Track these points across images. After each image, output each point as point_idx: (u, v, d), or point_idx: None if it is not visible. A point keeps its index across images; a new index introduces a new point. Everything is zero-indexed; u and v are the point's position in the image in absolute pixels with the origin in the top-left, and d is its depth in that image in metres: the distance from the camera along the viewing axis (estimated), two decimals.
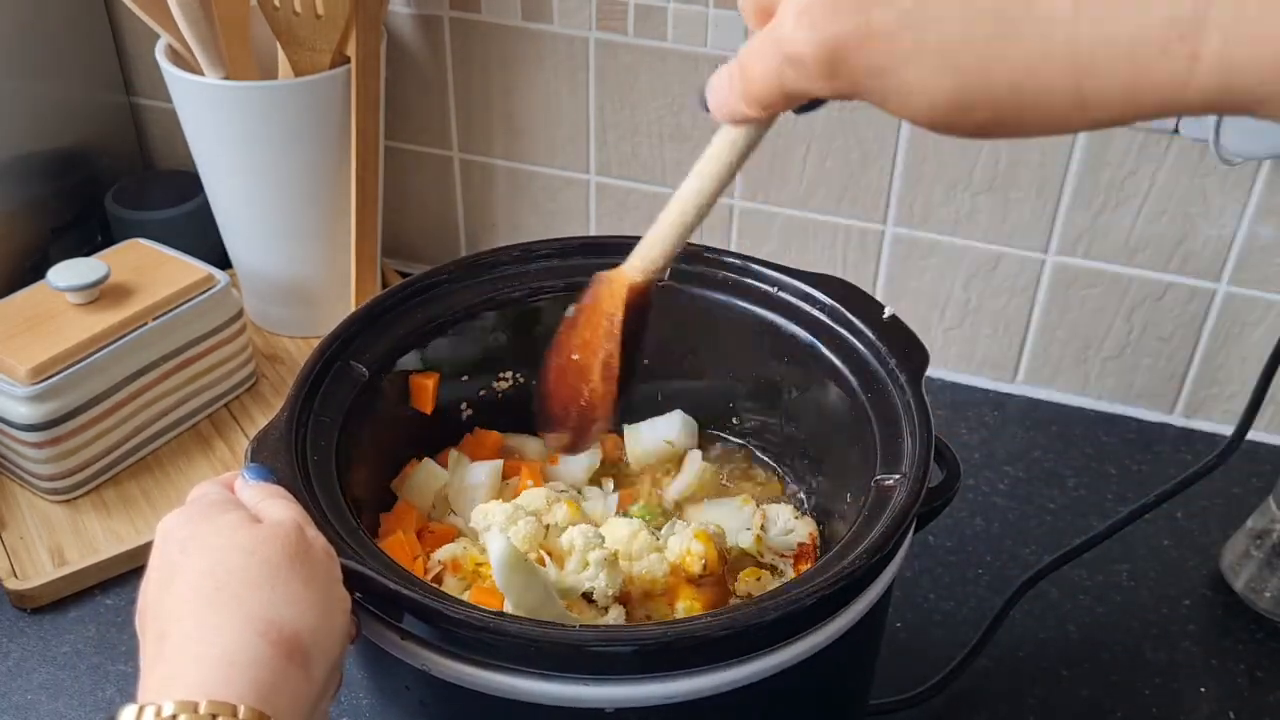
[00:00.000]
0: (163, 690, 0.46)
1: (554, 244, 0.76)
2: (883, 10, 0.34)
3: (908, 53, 0.34)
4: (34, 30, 1.09)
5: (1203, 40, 0.30)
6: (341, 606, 0.53)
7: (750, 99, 0.40)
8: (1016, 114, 0.34)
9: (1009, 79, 0.33)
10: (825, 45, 0.36)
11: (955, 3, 0.33)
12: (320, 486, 0.60)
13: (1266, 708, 0.80)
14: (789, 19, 0.37)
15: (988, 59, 0.33)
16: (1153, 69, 0.31)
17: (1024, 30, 0.32)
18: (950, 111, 0.35)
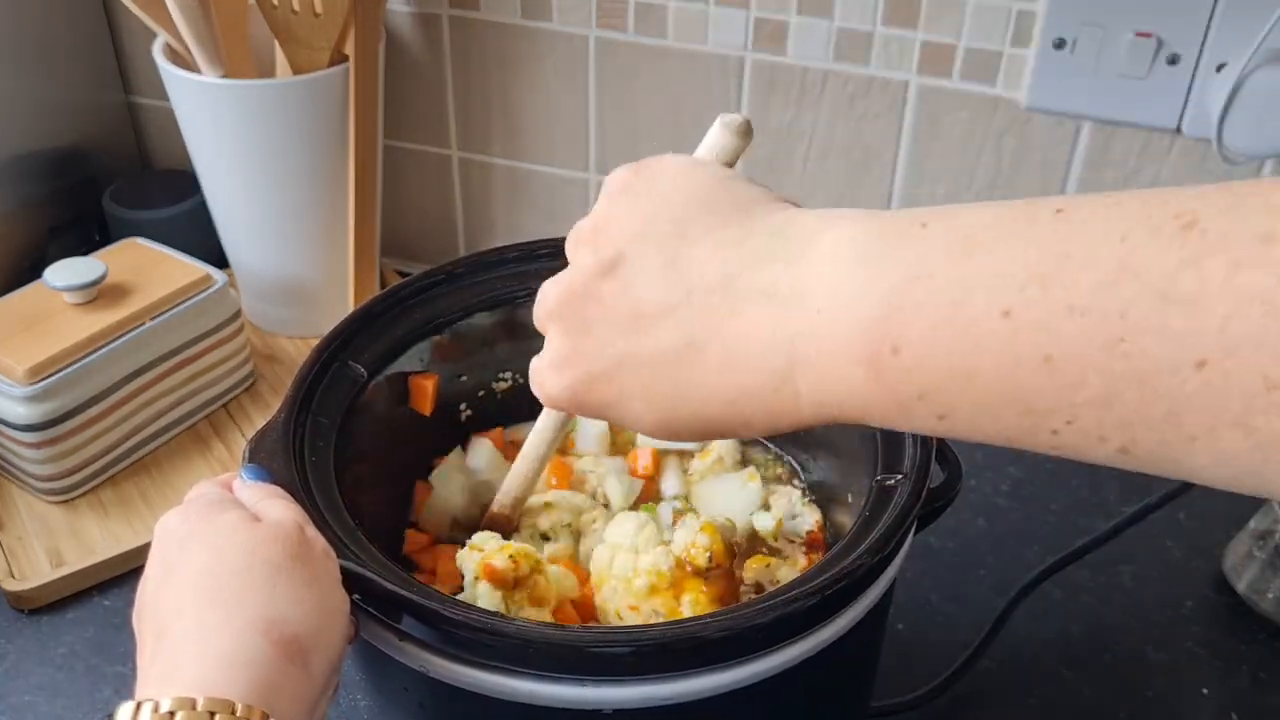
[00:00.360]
0: (161, 687, 0.46)
1: (554, 244, 0.75)
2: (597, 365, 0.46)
3: (618, 397, 0.46)
4: (32, 29, 1.09)
5: (796, 385, 0.42)
6: (341, 607, 0.53)
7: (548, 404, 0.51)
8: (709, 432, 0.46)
9: (690, 413, 0.45)
10: (565, 389, 0.48)
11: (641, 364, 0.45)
12: (318, 487, 0.60)
13: (1269, 709, 0.80)
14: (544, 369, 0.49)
15: (672, 402, 0.45)
16: (774, 401, 0.43)
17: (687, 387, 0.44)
18: (666, 433, 0.46)
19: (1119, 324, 0.34)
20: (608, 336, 0.46)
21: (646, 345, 0.45)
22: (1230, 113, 0.84)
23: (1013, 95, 0.93)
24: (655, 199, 0.46)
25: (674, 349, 0.44)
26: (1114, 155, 0.93)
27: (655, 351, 0.44)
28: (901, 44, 0.93)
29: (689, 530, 0.65)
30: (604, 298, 0.46)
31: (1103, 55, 0.88)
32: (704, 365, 0.43)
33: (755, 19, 0.96)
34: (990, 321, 0.36)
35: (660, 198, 0.46)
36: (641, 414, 0.46)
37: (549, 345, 0.49)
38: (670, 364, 0.44)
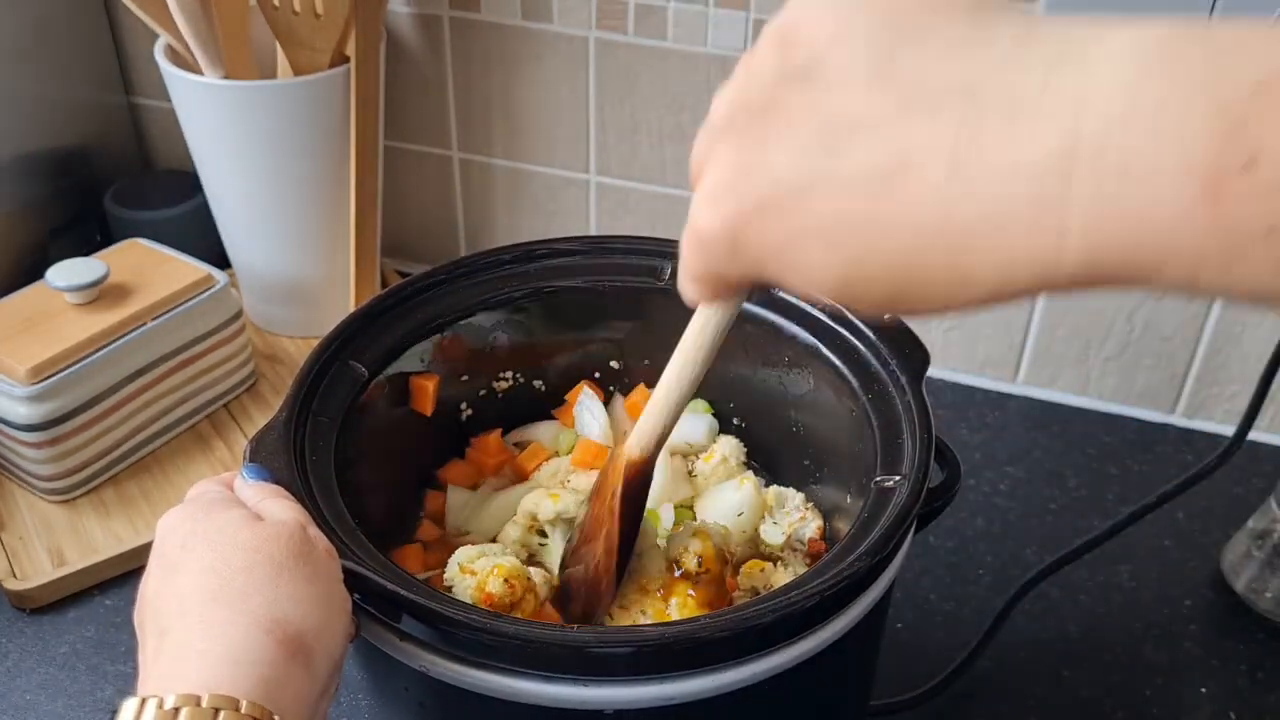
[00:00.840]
0: (165, 685, 0.46)
1: (554, 244, 0.76)
2: (773, 189, 0.36)
3: (797, 231, 0.36)
4: (34, 30, 1.09)
5: (1068, 216, 0.31)
6: (343, 606, 0.53)
7: (691, 282, 0.42)
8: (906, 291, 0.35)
9: (889, 260, 0.34)
10: (725, 223, 0.37)
11: (834, 190, 0.34)
12: (319, 487, 0.60)
13: (1267, 708, 0.80)
14: (697, 201, 0.39)
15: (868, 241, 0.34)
16: (1024, 245, 0.32)
17: (895, 216, 0.34)
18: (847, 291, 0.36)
19: None
20: (791, 155, 0.35)
21: (843, 164, 0.34)
22: None
23: None
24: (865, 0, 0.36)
25: (880, 169, 0.33)
26: None
27: (855, 172, 0.34)
28: None
29: (682, 534, 0.65)
30: (791, 108, 0.36)
31: None
32: (922, 190, 0.33)
33: (755, 20, 0.96)
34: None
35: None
36: (819, 261, 0.36)
37: (708, 172, 0.38)
38: (874, 190, 0.34)
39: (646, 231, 1.08)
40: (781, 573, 0.68)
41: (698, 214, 0.39)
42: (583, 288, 0.75)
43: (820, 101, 0.35)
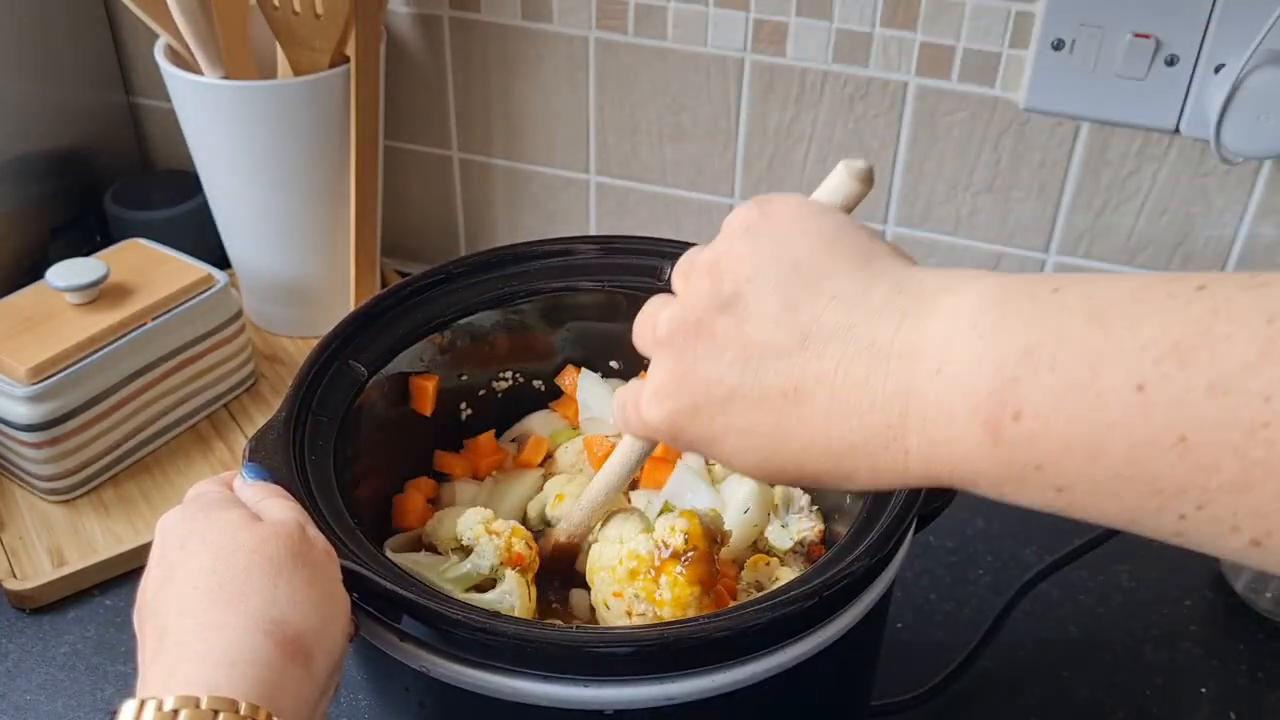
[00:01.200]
0: (164, 686, 0.46)
1: (554, 243, 0.76)
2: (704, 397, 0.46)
3: (721, 432, 0.46)
4: (33, 30, 1.09)
5: (906, 443, 0.41)
6: (342, 607, 0.53)
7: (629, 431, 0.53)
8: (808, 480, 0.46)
9: (790, 459, 0.45)
10: (667, 419, 0.48)
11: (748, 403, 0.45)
12: (318, 486, 0.60)
13: (1267, 708, 0.80)
14: (646, 395, 0.49)
15: (774, 446, 0.45)
16: (881, 460, 0.42)
17: (791, 432, 0.44)
18: (763, 475, 0.47)
19: (1262, 408, 0.33)
20: (717, 371, 0.46)
21: (755, 384, 0.45)
22: (1228, 113, 0.85)
23: (1011, 96, 0.93)
24: (777, 241, 0.46)
25: (782, 391, 0.44)
26: (1112, 156, 0.93)
27: (763, 392, 0.44)
28: (900, 45, 0.94)
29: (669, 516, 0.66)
30: (717, 333, 0.46)
31: (1101, 56, 0.88)
32: (811, 412, 0.43)
33: (754, 20, 0.96)
34: (1123, 395, 0.35)
35: (782, 240, 0.46)
36: (741, 452, 0.47)
37: (653, 372, 0.49)
38: (777, 406, 0.44)
39: (646, 231, 1.09)
40: (784, 570, 0.68)
41: (642, 407, 0.49)
42: (582, 287, 0.75)
43: (740, 328, 0.45)
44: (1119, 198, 0.95)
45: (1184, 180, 0.92)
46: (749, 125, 1.01)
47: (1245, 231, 0.93)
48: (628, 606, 0.63)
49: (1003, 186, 0.97)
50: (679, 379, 0.47)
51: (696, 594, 0.62)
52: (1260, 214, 0.92)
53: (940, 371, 0.40)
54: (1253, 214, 0.92)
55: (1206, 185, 0.92)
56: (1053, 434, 0.37)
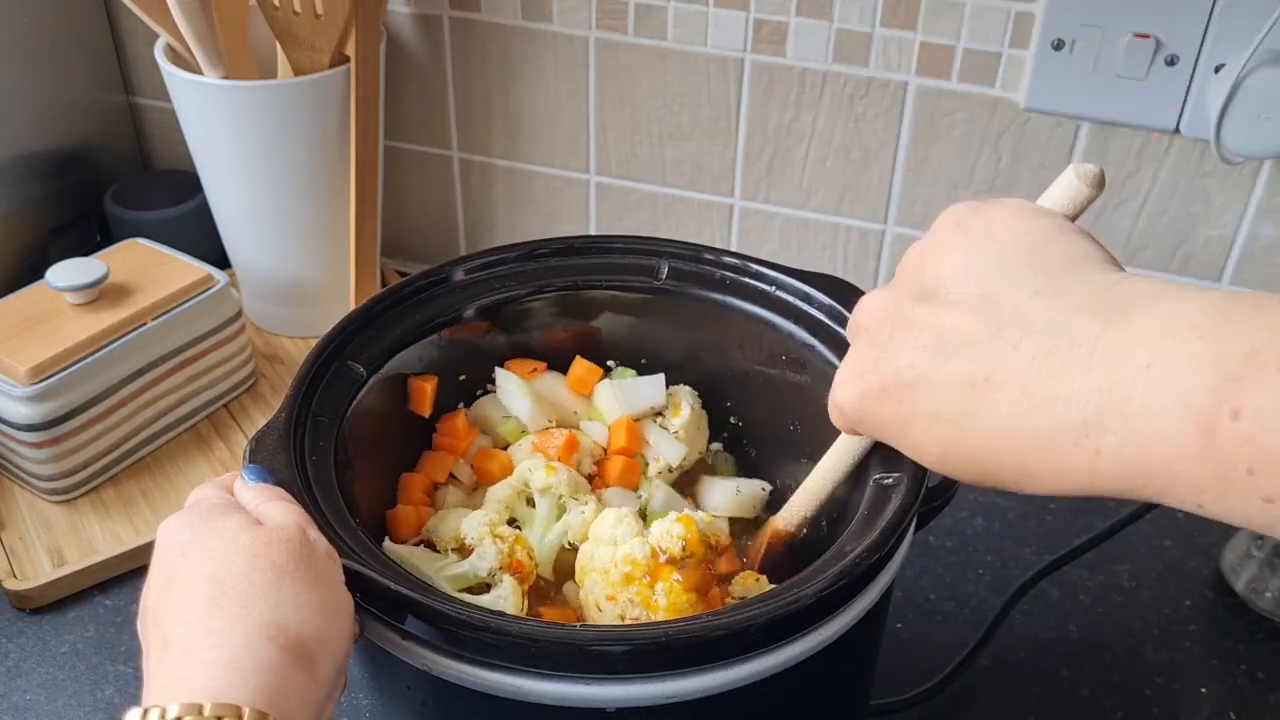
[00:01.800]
0: (167, 694, 0.46)
1: (554, 243, 0.76)
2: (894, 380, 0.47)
3: (907, 418, 0.47)
4: (33, 30, 1.09)
5: (1100, 441, 0.40)
6: (345, 609, 0.53)
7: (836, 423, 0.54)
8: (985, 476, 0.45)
9: (971, 451, 0.45)
10: (857, 399, 0.50)
11: (936, 388, 0.45)
12: (319, 487, 0.60)
13: (1267, 708, 0.80)
14: (840, 378, 0.51)
15: (956, 436, 0.45)
16: (1069, 460, 0.41)
17: (975, 423, 0.44)
18: (944, 467, 0.47)
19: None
20: (908, 356, 0.46)
21: (946, 371, 0.45)
22: (1229, 113, 0.85)
23: (1011, 96, 0.93)
24: (986, 237, 0.46)
25: (970, 380, 0.44)
26: (1112, 156, 0.93)
27: (953, 378, 0.45)
28: (900, 45, 0.94)
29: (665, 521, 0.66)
30: (915, 320, 0.47)
31: (1101, 56, 0.88)
32: (998, 403, 0.43)
33: (755, 20, 0.96)
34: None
35: (991, 237, 0.46)
36: (922, 440, 0.47)
37: (849, 357, 0.51)
38: (965, 394, 0.44)
39: (647, 231, 1.09)
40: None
41: (839, 387, 0.51)
42: (581, 287, 0.75)
43: (937, 316, 0.46)
44: (1119, 198, 0.95)
45: (1184, 180, 0.92)
46: (749, 125, 1.01)
47: (1245, 231, 0.93)
48: (621, 610, 0.63)
49: (1003, 186, 0.97)
50: (871, 362, 0.49)
51: (692, 600, 0.62)
52: (1260, 214, 0.92)
53: (1151, 366, 0.38)
54: (1253, 214, 0.92)
55: (1206, 185, 0.92)
56: (1273, 437, 0.36)
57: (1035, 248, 0.45)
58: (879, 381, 0.48)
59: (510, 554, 0.65)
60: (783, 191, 1.04)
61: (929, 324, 0.46)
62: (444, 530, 0.69)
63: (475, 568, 0.65)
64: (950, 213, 0.49)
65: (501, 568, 0.65)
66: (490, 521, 0.67)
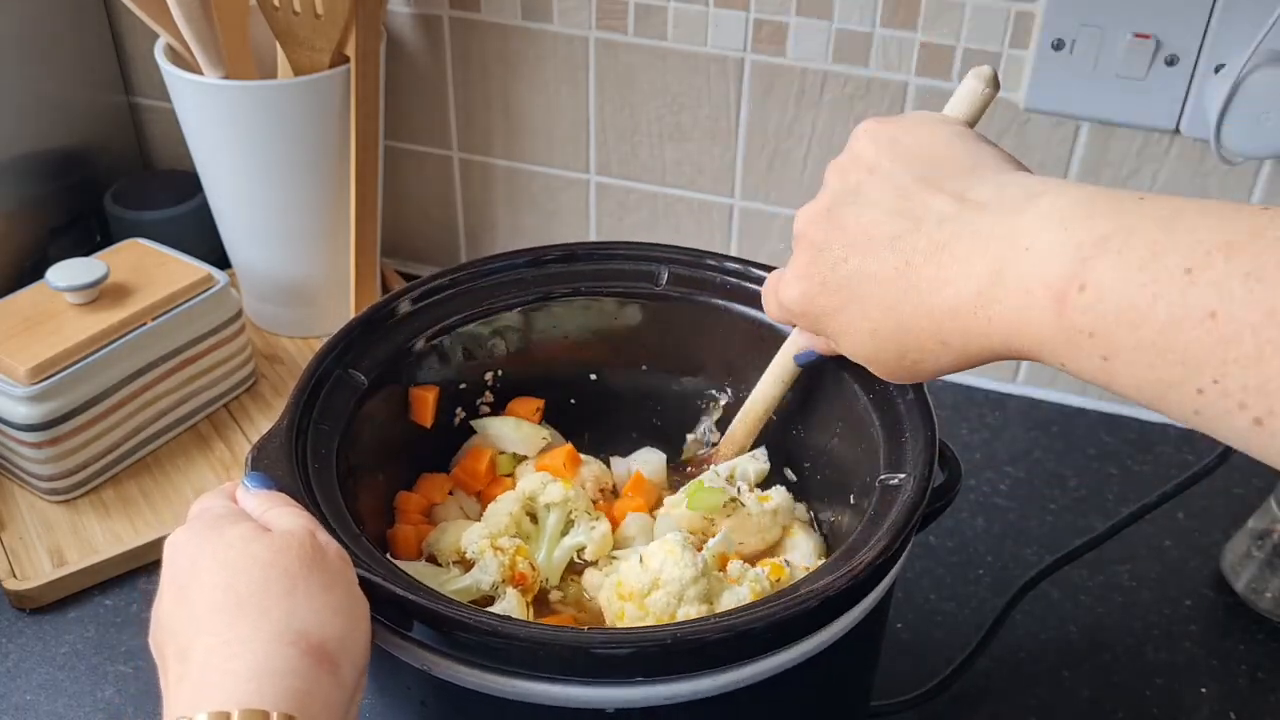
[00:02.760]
0: (192, 706, 0.46)
1: (555, 250, 0.76)
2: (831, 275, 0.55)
3: (842, 305, 0.56)
4: (34, 30, 1.09)
5: (991, 310, 0.49)
6: (362, 610, 0.53)
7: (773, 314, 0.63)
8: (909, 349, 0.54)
9: (897, 324, 0.53)
10: (802, 294, 0.57)
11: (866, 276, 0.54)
12: (322, 494, 0.60)
13: (1267, 708, 0.80)
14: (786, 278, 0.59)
15: (884, 314, 0.53)
16: (972, 326, 0.50)
17: (901, 301, 0.52)
18: (871, 346, 0.55)
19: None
20: (842, 253, 0.55)
21: (873, 263, 0.53)
22: (1229, 113, 0.85)
23: (1011, 96, 0.93)
24: (896, 142, 0.55)
25: (895, 267, 0.52)
26: (1112, 156, 0.93)
27: (880, 265, 0.53)
28: (900, 45, 0.94)
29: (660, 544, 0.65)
30: (845, 222, 0.55)
31: (1101, 56, 0.88)
32: (919, 280, 0.51)
33: (755, 20, 0.96)
34: (1172, 274, 0.42)
35: (903, 144, 0.55)
36: (856, 321, 0.55)
37: (793, 259, 0.58)
38: (890, 280, 0.53)
39: (646, 231, 1.09)
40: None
41: (781, 287, 0.59)
42: (583, 293, 0.75)
43: (861, 215, 0.54)
44: None
45: (1184, 180, 0.92)
46: (749, 125, 1.01)
47: None
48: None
49: None
50: (810, 261, 0.56)
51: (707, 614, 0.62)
52: None
53: (1029, 249, 0.47)
54: None
55: (1206, 185, 0.92)
56: (1107, 303, 0.44)
57: (944, 150, 0.54)
58: (819, 277, 0.56)
59: (512, 566, 0.65)
60: (783, 192, 1.04)
61: (855, 224, 0.54)
62: (444, 544, 0.69)
63: (478, 581, 0.65)
64: (864, 128, 0.57)
65: (504, 580, 0.65)
66: (490, 534, 0.66)
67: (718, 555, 0.66)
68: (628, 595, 0.62)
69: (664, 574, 0.61)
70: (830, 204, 0.56)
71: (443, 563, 0.69)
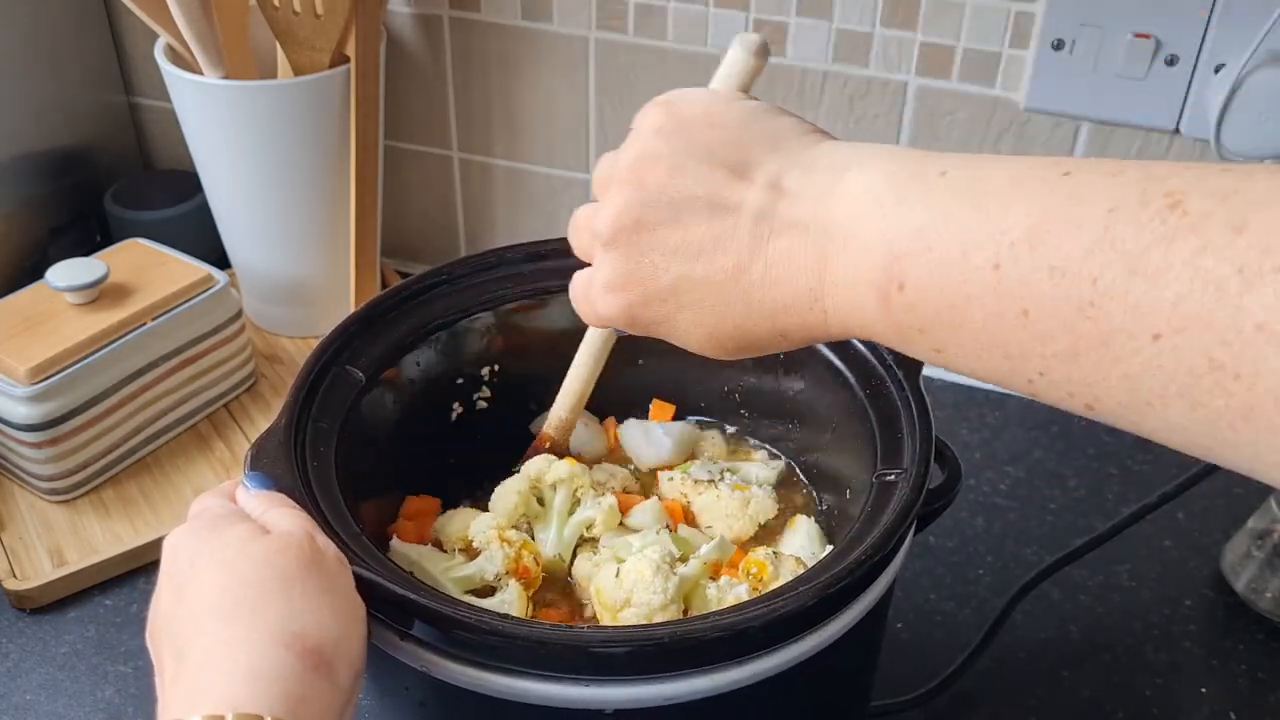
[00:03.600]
0: (187, 707, 0.46)
1: (553, 244, 0.76)
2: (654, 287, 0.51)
3: (672, 314, 0.51)
4: (33, 30, 1.09)
5: (824, 304, 0.47)
6: (359, 613, 0.53)
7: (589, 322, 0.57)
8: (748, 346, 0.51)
9: (734, 326, 0.50)
10: (623, 309, 0.53)
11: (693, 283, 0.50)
12: (321, 492, 0.60)
13: (1267, 708, 0.80)
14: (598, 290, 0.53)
15: (719, 318, 0.50)
16: (809, 317, 0.48)
17: (733, 304, 0.49)
18: (711, 345, 0.52)
19: (1090, 289, 0.37)
20: (663, 262, 0.51)
21: (698, 269, 0.50)
22: (1229, 113, 0.85)
23: (1011, 96, 0.93)
24: (689, 135, 0.50)
25: (722, 270, 0.49)
26: (1113, 154, 0.93)
27: (706, 273, 0.50)
28: (900, 45, 0.94)
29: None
30: (655, 228, 0.50)
31: (1101, 56, 0.88)
32: (749, 284, 0.49)
33: (755, 20, 0.96)
34: (982, 273, 0.40)
35: (694, 134, 0.50)
36: (690, 328, 0.51)
37: (600, 268, 0.53)
38: (719, 283, 0.49)
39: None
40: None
41: (597, 300, 0.54)
42: None
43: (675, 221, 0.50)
44: None
45: None
46: None
47: None
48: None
49: None
50: (627, 274, 0.52)
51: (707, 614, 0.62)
52: None
53: (846, 245, 0.45)
54: None
55: None
56: (927, 303, 0.43)
57: (737, 135, 0.50)
58: (639, 290, 0.52)
59: (517, 559, 0.65)
60: None
61: (670, 232, 0.50)
62: (451, 530, 0.69)
63: (482, 570, 0.65)
64: (645, 119, 0.52)
65: (507, 572, 0.65)
66: (498, 525, 0.67)
67: (710, 563, 0.66)
68: (605, 605, 0.63)
69: (635, 595, 0.62)
70: (631, 207, 0.51)
71: (448, 549, 0.69)
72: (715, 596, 0.63)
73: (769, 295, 0.48)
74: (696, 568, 0.64)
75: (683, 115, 0.51)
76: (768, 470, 0.75)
